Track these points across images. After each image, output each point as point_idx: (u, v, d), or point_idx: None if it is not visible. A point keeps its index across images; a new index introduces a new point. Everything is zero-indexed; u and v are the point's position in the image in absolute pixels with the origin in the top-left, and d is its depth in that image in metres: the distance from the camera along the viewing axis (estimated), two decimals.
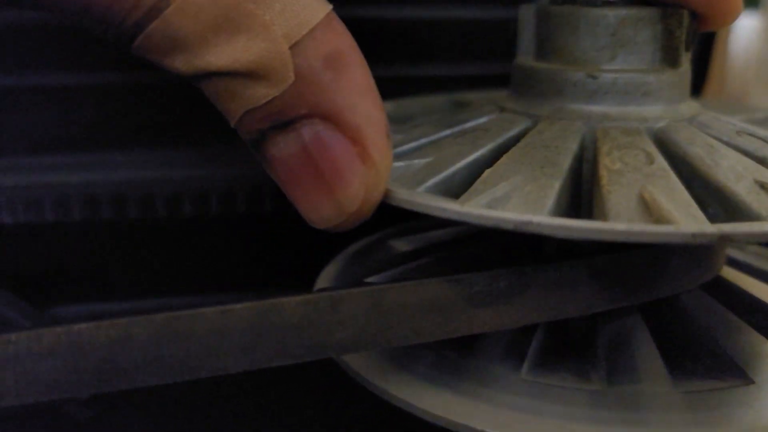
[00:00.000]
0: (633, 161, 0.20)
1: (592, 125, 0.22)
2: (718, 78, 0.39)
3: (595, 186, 0.20)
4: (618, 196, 0.19)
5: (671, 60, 0.23)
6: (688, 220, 0.17)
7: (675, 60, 0.23)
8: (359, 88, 0.19)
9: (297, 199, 0.19)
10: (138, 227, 0.31)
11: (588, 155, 0.22)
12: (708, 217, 0.18)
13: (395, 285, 0.19)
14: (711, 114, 0.24)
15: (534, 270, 0.20)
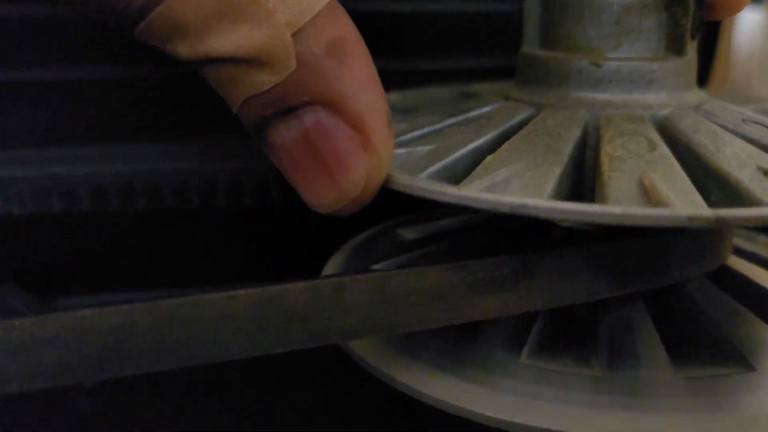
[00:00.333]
0: (635, 148, 0.20)
1: (595, 113, 0.22)
2: (722, 71, 0.39)
3: (597, 172, 0.20)
4: (618, 181, 0.19)
5: (676, 48, 0.23)
6: (686, 204, 0.17)
7: (680, 48, 0.23)
8: (361, 76, 0.19)
9: (299, 185, 0.19)
10: (145, 219, 0.31)
11: (591, 142, 0.22)
12: (709, 204, 0.19)
13: (399, 272, 0.19)
14: (718, 102, 0.24)
15: (537, 257, 0.20)
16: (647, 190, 0.18)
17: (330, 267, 0.28)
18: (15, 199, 0.30)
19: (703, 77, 0.36)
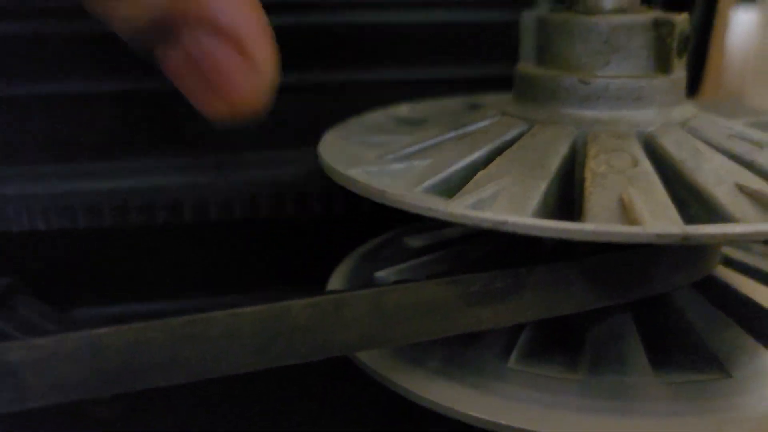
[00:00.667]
0: (618, 164, 0.21)
1: (584, 129, 0.23)
2: (715, 74, 0.39)
3: (581, 189, 0.21)
4: (599, 197, 0.20)
5: (664, 66, 0.24)
6: (661, 221, 0.19)
7: (667, 66, 0.24)
8: None
9: (193, 101, 0.20)
10: (163, 232, 0.33)
11: (579, 158, 0.23)
12: (687, 219, 0.19)
13: (396, 287, 0.20)
14: (707, 117, 0.25)
15: (529, 270, 0.21)
16: (625, 205, 0.19)
17: (337, 275, 0.29)
18: (41, 216, 0.32)
19: (696, 83, 0.37)
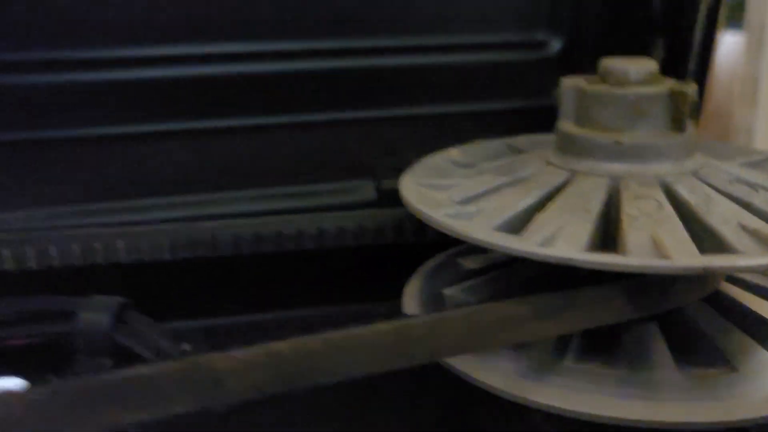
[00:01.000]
0: (646, 208, 0.28)
1: (616, 179, 0.29)
2: (703, 96, 0.46)
3: (618, 228, 0.27)
4: (634, 237, 0.26)
5: (678, 127, 0.30)
6: (683, 256, 0.25)
7: (681, 127, 0.30)
8: None
9: None
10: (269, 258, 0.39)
11: (614, 203, 0.29)
12: (702, 252, 0.26)
13: (483, 307, 0.26)
14: (711, 164, 0.31)
15: (581, 291, 0.27)
16: (656, 243, 0.26)
17: (410, 290, 0.35)
18: (168, 249, 0.38)
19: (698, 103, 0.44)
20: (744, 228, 0.27)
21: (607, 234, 0.29)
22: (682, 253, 0.25)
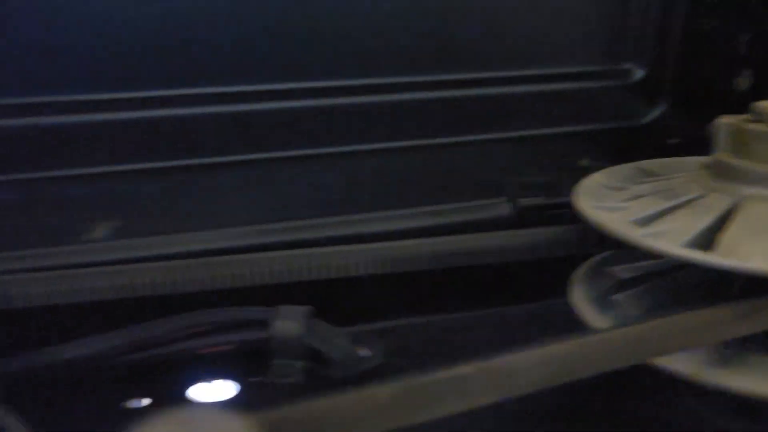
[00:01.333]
0: None
1: None
2: None
3: None
4: None
5: None
6: None
7: None
8: None
9: None
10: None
11: None
12: None
13: (681, 314, 0.32)
14: None
15: (761, 299, 0.33)
16: None
17: (577, 293, 0.40)
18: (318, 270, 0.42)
19: None
20: None
21: None
22: None
